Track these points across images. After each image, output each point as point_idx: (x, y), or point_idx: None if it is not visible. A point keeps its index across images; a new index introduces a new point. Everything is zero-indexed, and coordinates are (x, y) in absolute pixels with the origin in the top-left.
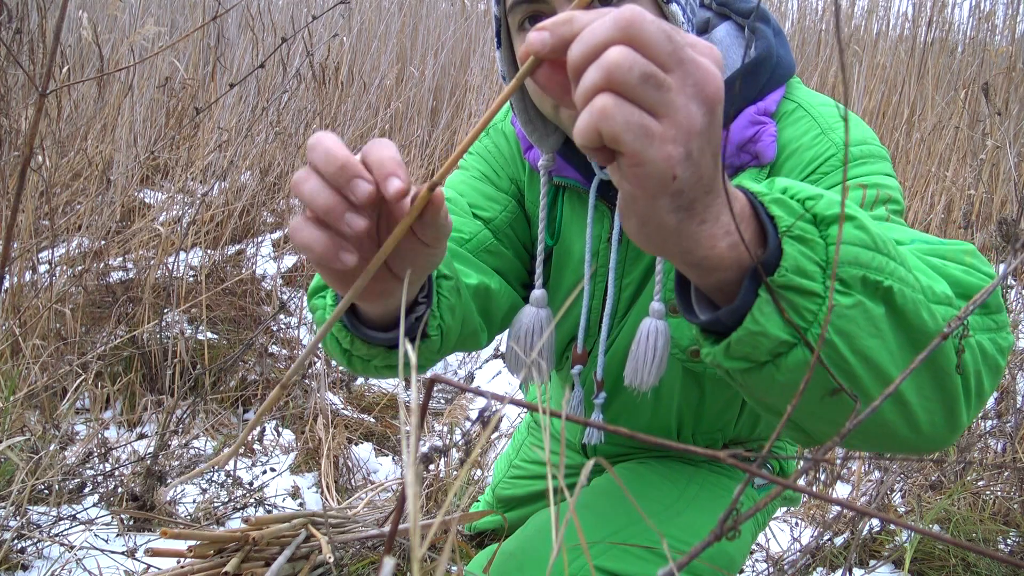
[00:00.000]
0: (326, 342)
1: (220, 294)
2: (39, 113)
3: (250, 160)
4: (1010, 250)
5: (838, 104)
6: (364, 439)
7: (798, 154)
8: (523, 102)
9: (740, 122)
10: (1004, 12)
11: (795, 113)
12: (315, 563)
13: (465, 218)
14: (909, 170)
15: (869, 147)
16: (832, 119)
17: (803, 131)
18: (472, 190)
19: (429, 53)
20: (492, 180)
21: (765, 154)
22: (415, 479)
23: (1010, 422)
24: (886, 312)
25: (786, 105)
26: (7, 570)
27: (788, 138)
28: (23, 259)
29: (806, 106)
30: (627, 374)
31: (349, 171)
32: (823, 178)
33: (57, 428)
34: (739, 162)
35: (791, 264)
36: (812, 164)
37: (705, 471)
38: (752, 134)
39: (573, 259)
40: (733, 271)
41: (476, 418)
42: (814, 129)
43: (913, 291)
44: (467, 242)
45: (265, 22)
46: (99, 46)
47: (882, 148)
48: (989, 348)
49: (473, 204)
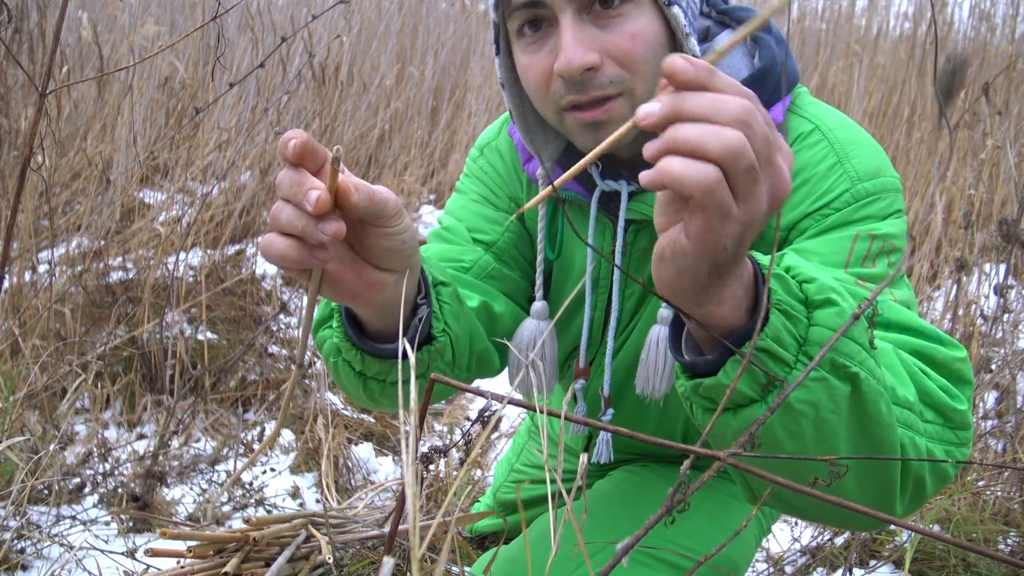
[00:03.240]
0: (340, 374)
1: (220, 294)
2: (39, 113)
3: (250, 160)
4: (1010, 250)
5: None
6: (364, 439)
7: (812, 183)
8: (522, 110)
9: None
10: (1004, 12)
11: (812, 136)
12: (315, 563)
13: (465, 246)
14: (909, 170)
15: (882, 180)
16: (850, 147)
17: (819, 158)
18: (471, 214)
19: (429, 53)
20: (491, 201)
21: None
22: (414, 479)
23: (1010, 422)
24: (850, 394)
25: (800, 124)
26: (7, 570)
27: (804, 163)
28: (23, 259)
29: (824, 129)
30: (638, 383)
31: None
32: (834, 214)
33: (57, 428)
34: None
35: (773, 333)
36: (824, 198)
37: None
38: None
39: (575, 272)
40: (724, 329)
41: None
42: (830, 157)
43: (878, 383)
44: (468, 270)
45: (265, 22)
46: (99, 46)
47: (895, 178)
48: (940, 457)
49: (473, 228)
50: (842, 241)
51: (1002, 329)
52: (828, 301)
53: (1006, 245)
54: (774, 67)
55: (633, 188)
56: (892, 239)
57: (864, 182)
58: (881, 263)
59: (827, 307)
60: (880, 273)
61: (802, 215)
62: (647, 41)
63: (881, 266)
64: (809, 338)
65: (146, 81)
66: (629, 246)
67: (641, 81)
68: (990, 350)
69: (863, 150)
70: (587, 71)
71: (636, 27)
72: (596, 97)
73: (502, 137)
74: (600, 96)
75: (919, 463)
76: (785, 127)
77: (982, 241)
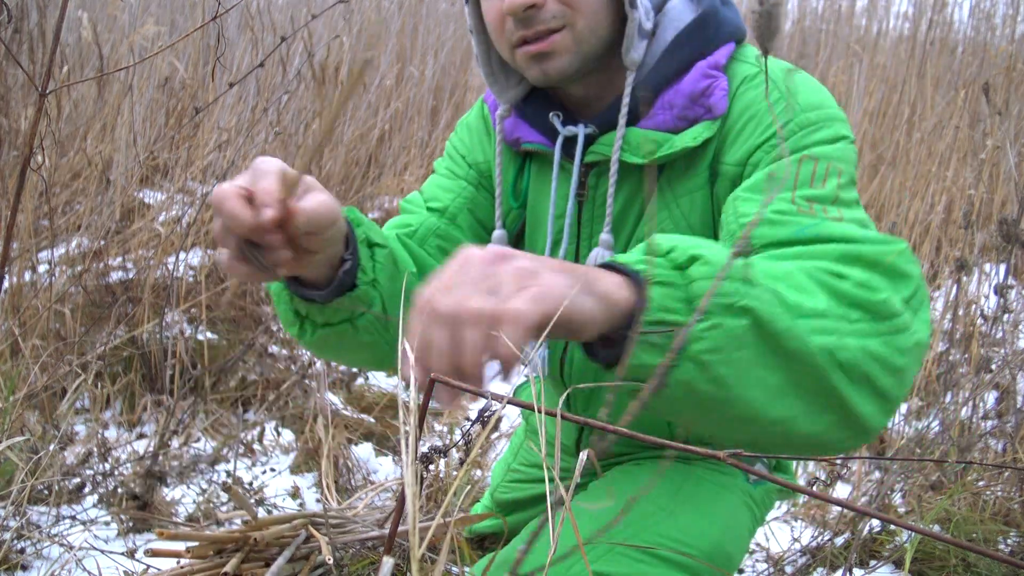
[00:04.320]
0: (282, 314)
1: (220, 294)
2: (39, 113)
3: (250, 160)
4: (1010, 250)
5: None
6: (364, 439)
7: (758, 118)
8: (487, 56)
9: (692, 75)
10: (1004, 12)
11: (757, 78)
12: (315, 564)
13: (417, 213)
14: (909, 170)
15: (826, 111)
16: (792, 83)
17: (764, 95)
18: (432, 186)
19: (429, 53)
20: (453, 171)
21: (717, 107)
22: (414, 479)
23: (1010, 422)
24: (750, 325)
25: (746, 69)
26: (7, 570)
27: (750, 101)
28: (23, 259)
29: (769, 71)
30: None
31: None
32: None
33: (57, 428)
34: (692, 115)
35: (657, 304)
36: (770, 129)
37: (700, 469)
38: (704, 87)
39: (544, 224)
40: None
41: (475, 419)
42: (775, 93)
43: (775, 306)
44: (414, 232)
45: (265, 22)
46: (99, 46)
47: (838, 109)
48: (880, 350)
49: (429, 198)
50: (788, 166)
51: (1002, 329)
52: (693, 258)
53: (1006, 245)
54: (713, 13)
55: (590, 131)
56: (839, 162)
57: (807, 112)
58: (831, 183)
59: (696, 264)
60: (828, 193)
61: (753, 147)
62: None
63: (831, 186)
64: (693, 294)
65: (146, 81)
66: (592, 189)
67: (581, 16)
68: (990, 350)
69: (806, 86)
70: (530, 8)
71: None
72: (541, 31)
73: (473, 112)
74: (544, 30)
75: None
76: (731, 72)
77: (982, 241)
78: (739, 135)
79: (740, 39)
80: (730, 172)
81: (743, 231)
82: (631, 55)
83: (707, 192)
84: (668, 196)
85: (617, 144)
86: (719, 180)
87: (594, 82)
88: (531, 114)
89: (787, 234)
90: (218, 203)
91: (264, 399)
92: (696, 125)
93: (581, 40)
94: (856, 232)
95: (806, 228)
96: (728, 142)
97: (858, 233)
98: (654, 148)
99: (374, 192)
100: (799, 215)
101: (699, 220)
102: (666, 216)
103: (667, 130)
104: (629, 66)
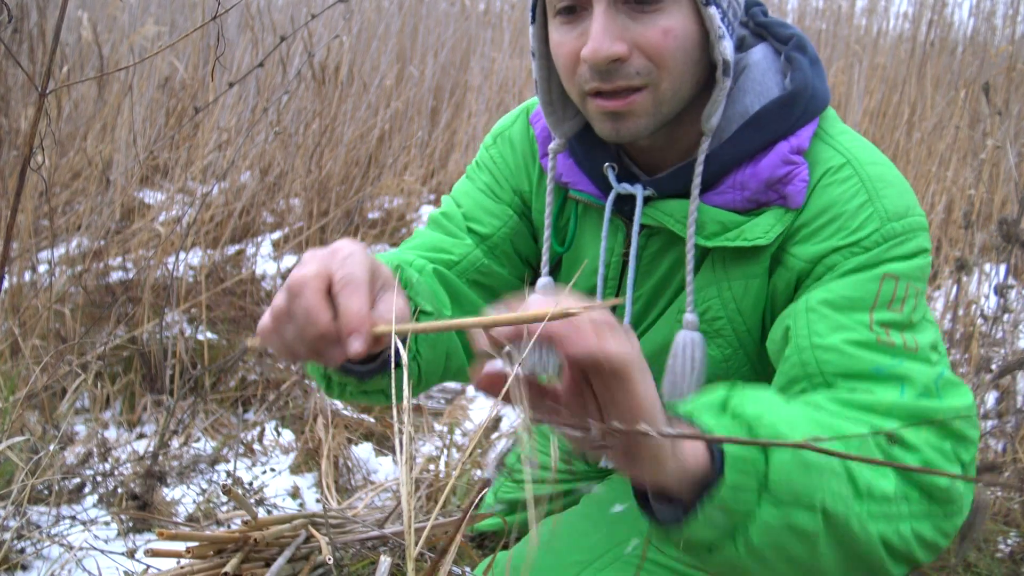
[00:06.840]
0: (311, 370)
1: (220, 294)
2: (39, 113)
3: (250, 160)
4: (1010, 250)
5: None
6: (364, 439)
7: (842, 219)
8: (548, 83)
9: (772, 159)
10: (1004, 12)
11: (842, 171)
12: (315, 564)
13: (457, 237)
14: (909, 170)
15: (911, 220)
16: (880, 184)
17: (850, 195)
18: (472, 203)
19: (429, 53)
20: (495, 192)
21: (794, 199)
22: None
23: (1010, 422)
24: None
25: (832, 156)
26: (7, 570)
27: (834, 198)
28: (23, 259)
29: (855, 164)
30: (665, 389)
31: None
32: (863, 253)
33: (57, 428)
34: (765, 199)
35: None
36: (854, 235)
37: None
38: (784, 174)
39: (585, 274)
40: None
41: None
42: (861, 195)
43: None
44: (456, 264)
45: (265, 22)
46: (99, 46)
47: (922, 216)
48: (928, 534)
49: (470, 217)
50: (869, 283)
51: (1002, 329)
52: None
53: (1006, 245)
54: (804, 91)
55: (648, 193)
56: (917, 281)
57: (894, 222)
58: (908, 305)
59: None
60: (905, 319)
61: (831, 249)
62: (678, 37)
63: (908, 309)
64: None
65: (146, 81)
66: (640, 250)
67: (668, 77)
68: (990, 350)
69: (893, 188)
70: (613, 61)
71: (670, 23)
72: (621, 87)
73: (517, 126)
74: (625, 87)
75: (902, 543)
76: (814, 156)
77: (982, 241)
78: (817, 233)
79: (823, 108)
80: (798, 267)
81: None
82: (711, 121)
83: (765, 281)
84: (720, 274)
85: (690, 230)
86: (781, 269)
87: (660, 135)
88: (583, 157)
89: (862, 370)
90: (295, 291)
91: (264, 399)
92: (767, 213)
93: (662, 102)
94: (930, 380)
95: (883, 368)
96: (801, 236)
97: (932, 383)
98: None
99: (374, 192)
100: (877, 347)
101: (751, 307)
102: (714, 295)
103: (733, 210)
104: (706, 132)
